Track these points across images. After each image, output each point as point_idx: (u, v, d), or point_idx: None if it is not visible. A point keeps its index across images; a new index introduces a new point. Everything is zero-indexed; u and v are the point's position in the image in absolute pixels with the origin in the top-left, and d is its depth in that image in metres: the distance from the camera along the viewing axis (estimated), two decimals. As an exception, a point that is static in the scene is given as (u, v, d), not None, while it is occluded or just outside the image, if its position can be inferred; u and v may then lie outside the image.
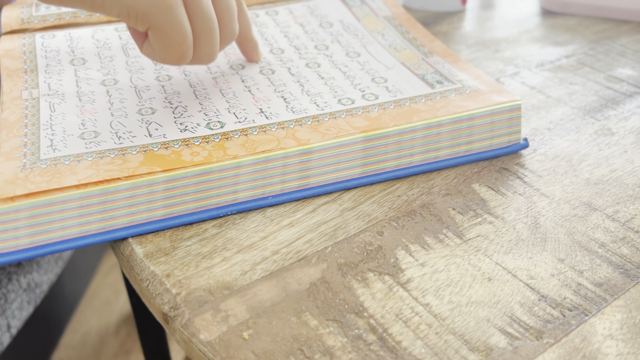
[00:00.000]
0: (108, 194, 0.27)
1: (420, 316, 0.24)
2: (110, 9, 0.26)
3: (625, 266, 0.27)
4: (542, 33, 0.48)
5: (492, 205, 0.30)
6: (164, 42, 0.28)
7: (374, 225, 0.29)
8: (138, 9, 0.26)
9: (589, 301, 0.25)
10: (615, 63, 0.43)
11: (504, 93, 0.33)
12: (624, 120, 0.37)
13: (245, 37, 0.35)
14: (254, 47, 0.36)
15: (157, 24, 0.27)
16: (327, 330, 0.24)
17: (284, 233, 0.28)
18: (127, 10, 0.26)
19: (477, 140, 0.33)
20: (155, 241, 0.28)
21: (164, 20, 0.27)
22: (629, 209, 0.30)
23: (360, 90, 0.34)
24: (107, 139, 0.29)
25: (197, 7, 0.28)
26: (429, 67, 0.36)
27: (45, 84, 0.33)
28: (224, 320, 0.24)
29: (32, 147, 0.28)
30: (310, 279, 0.26)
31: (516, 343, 0.23)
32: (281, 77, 0.35)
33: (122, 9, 0.26)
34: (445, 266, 0.27)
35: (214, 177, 0.28)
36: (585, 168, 0.33)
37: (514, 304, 0.25)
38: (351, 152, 0.30)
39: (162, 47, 0.28)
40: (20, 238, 0.26)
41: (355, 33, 0.40)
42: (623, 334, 0.24)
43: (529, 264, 0.27)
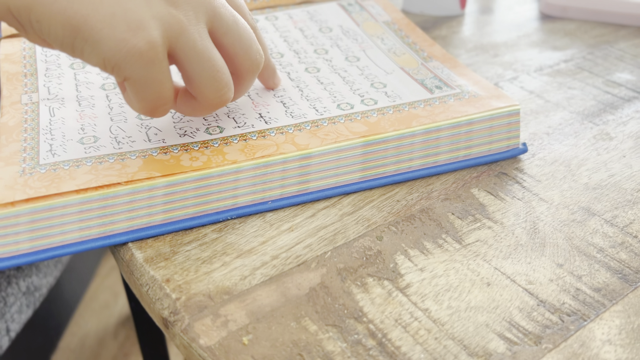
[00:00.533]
0: (108, 199, 0.27)
1: (420, 321, 0.24)
2: (88, 57, 0.25)
3: (623, 271, 0.27)
4: (540, 37, 0.49)
5: (491, 210, 0.30)
6: (140, 95, 0.26)
7: (373, 230, 0.29)
8: (114, 63, 0.24)
9: (588, 306, 0.25)
10: (614, 67, 0.44)
11: (502, 98, 0.33)
12: (623, 125, 0.37)
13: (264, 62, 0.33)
14: (272, 73, 0.34)
15: (133, 77, 0.25)
16: (327, 335, 0.24)
17: (284, 238, 0.28)
18: (104, 62, 0.25)
19: (476, 145, 0.33)
20: (155, 246, 0.28)
21: (141, 75, 0.25)
22: (627, 213, 0.30)
23: (360, 95, 0.34)
24: (106, 144, 0.29)
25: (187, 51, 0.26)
26: (428, 72, 0.36)
27: (44, 88, 0.33)
28: (223, 325, 0.24)
29: (32, 152, 0.28)
30: (310, 284, 0.26)
31: (515, 348, 0.23)
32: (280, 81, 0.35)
33: (99, 60, 0.25)
34: (445, 271, 0.27)
35: (214, 182, 0.28)
36: (584, 173, 0.33)
37: (512, 309, 0.25)
38: (350, 157, 0.30)
39: (137, 99, 0.26)
40: (20, 243, 0.26)
41: (355, 37, 0.40)
42: (622, 339, 0.24)
43: (527, 269, 0.27)
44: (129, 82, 0.25)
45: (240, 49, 0.28)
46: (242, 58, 0.28)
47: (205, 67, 0.27)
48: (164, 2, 0.25)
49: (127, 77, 0.25)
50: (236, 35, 0.28)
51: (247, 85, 0.30)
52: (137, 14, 0.24)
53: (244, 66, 0.29)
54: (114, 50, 0.24)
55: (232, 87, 0.28)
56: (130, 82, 0.25)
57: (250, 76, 0.29)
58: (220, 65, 0.27)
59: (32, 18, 0.24)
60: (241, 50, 0.28)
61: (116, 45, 0.24)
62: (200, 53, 0.26)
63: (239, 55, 0.28)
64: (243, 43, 0.28)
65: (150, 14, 0.24)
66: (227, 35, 0.28)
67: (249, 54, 0.28)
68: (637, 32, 0.50)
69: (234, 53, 0.28)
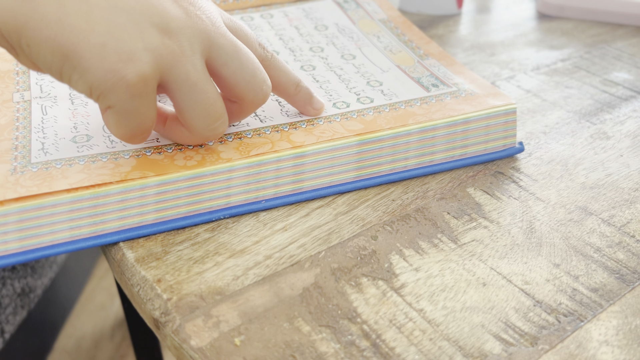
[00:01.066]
0: (99, 198, 0.26)
1: (414, 322, 0.24)
2: (75, 84, 0.24)
3: (621, 271, 0.27)
4: (537, 37, 0.48)
5: (487, 210, 0.30)
6: (121, 123, 0.25)
7: (368, 229, 0.28)
8: (100, 91, 0.24)
9: (585, 307, 0.25)
10: (611, 67, 0.43)
11: (499, 96, 0.33)
12: (620, 124, 0.37)
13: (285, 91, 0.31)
14: (308, 99, 0.31)
15: (117, 107, 0.24)
16: (320, 336, 0.23)
17: (277, 237, 0.28)
18: (90, 89, 0.24)
19: (472, 144, 0.32)
20: (147, 246, 0.27)
21: (125, 106, 0.24)
22: (624, 213, 0.30)
23: (356, 93, 0.34)
24: (99, 143, 0.29)
25: (180, 83, 0.25)
26: (425, 70, 0.36)
27: (37, 86, 0.33)
28: (215, 326, 0.24)
29: (23, 150, 0.28)
30: (304, 284, 0.26)
31: (511, 349, 0.23)
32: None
33: (86, 87, 0.24)
34: (440, 271, 0.26)
35: (207, 181, 0.28)
36: (581, 172, 0.33)
37: (508, 309, 0.25)
38: (345, 156, 0.30)
39: (115, 126, 0.25)
40: (9, 242, 0.26)
41: (351, 35, 0.40)
42: (619, 340, 0.24)
43: (524, 269, 0.27)
44: (112, 110, 0.25)
45: (242, 79, 0.27)
46: (244, 89, 0.27)
47: (197, 100, 0.26)
48: (158, 33, 0.24)
49: (111, 106, 0.24)
50: (237, 65, 0.27)
51: (248, 114, 0.29)
52: (128, 44, 0.23)
53: (247, 97, 0.27)
54: (102, 80, 0.23)
55: (225, 120, 0.27)
56: (113, 111, 0.25)
57: (254, 107, 0.28)
58: (214, 98, 0.26)
59: (23, 42, 0.23)
60: (243, 81, 0.27)
61: (104, 75, 0.23)
62: (193, 85, 0.25)
63: (240, 86, 0.27)
64: (245, 73, 0.27)
65: (143, 45, 0.24)
66: (226, 65, 0.27)
67: (252, 84, 0.27)
68: (634, 32, 0.49)
69: (234, 83, 0.27)
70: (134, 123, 0.25)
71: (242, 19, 0.41)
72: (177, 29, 0.25)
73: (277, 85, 0.30)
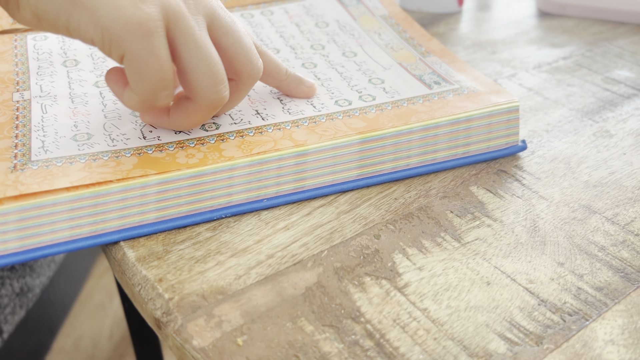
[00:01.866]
0: (99, 197, 0.26)
1: (418, 321, 0.24)
2: (85, 32, 0.24)
3: (625, 270, 0.26)
4: (539, 34, 0.48)
5: (491, 208, 0.30)
6: (139, 74, 0.25)
7: (370, 228, 0.28)
8: (112, 33, 0.24)
9: (590, 306, 0.25)
10: (613, 65, 0.43)
11: (502, 93, 0.33)
12: (622, 122, 0.37)
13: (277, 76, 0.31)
14: (297, 81, 0.32)
15: (131, 52, 0.24)
16: (323, 336, 0.23)
17: (279, 236, 0.28)
18: (102, 33, 0.24)
19: (475, 142, 0.32)
20: (148, 245, 0.27)
21: (140, 48, 0.24)
22: (628, 211, 0.30)
23: (358, 91, 0.33)
24: (100, 141, 0.28)
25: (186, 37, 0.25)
26: (426, 67, 0.36)
27: (37, 86, 0.33)
28: (217, 326, 0.23)
29: (23, 148, 0.28)
30: (306, 284, 0.25)
31: (516, 349, 0.23)
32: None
33: (97, 32, 0.24)
34: (444, 270, 0.26)
35: (208, 180, 0.28)
36: (584, 170, 0.33)
37: (513, 308, 0.25)
38: (348, 154, 0.30)
39: (136, 80, 0.25)
40: (9, 242, 0.25)
41: (352, 32, 0.39)
42: (624, 339, 0.23)
43: (528, 268, 0.26)
44: (127, 58, 0.25)
45: (241, 50, 0.27)
46: (244, 60, 0.28)
47: (202, 58, 0.26)
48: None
49: (126, 51, 0.24)
50: (236, 37, 0.27)
51: (245, 92, 0.29)
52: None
53: (245, 69, 0.28)
54: (113, 18, 0.24)
55: (228, 86, 0.27)
56: (129, 58, 0.25)
57: (251, 81, 0.29)
58: (217, 60, 0.26)
59: None
60: (241, 52, 0.27)
61: (115, 12, 0.24)
62: (198, 41, 0.26)
63: (239, 56, 0.27)
64: (244, 45, 0.27)
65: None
66: (227, 35, 0.27)
67: (250, 56, 0.28)
68: (636, 29, 0.49)
69: (234, 53, 0.27)
70: (153, 71, 0.25)
71: (242, 16, 0.41)
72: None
73: (268, 72, 0.31)
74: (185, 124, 0.28)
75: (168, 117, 0.29)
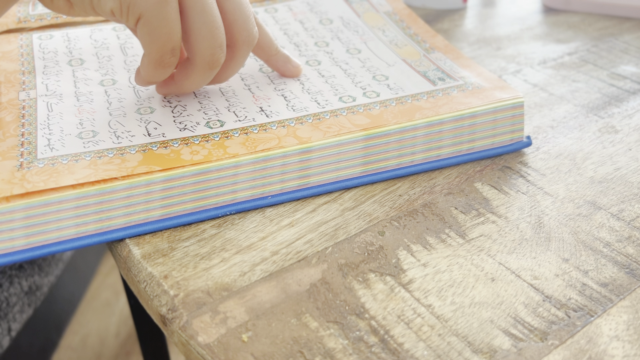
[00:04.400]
0: (105, 194, 0.26)
1: (423, 317, 0.24)
2: (105, 4, 0.27)
3: (630, 266, 0.26)
4: (544, 30, 0.48)
5: (495, 205, 0.30)
6: (150, 36, 0.27)
7: (375, 225, 0.28)
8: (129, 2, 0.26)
9: (595, 302, 0.25)
10: (619, 60, 0.43)
11: (506, 89, 0.33)
12: (628, 118, 0.37)
13: (268, 50, 0.33)
14: (285, 59, 0.34)
15: (146, 16, 0.27)
16: (328, 332, 0.23)
17: (284, 233, 0.28)
18: (120, 1, 0.26)
19: (479, 138, 0.32)
20: (153, 242, 0.27)
21: (154, 12, 0.27)
22: (634, 207, 0.30)
23: (362, 88, 0.33)
24: (105, 139, 0.29)
25: (194, 2, 0.27)
26: (431, 63, 0.36)
27: (42, 85, 0.33)
28: (222, 322, 0.23)
29: (29, 146, 0.28)
30: (311, 280, 0.25)
31: (520, 344, 0.23)
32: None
33: (116, 1, 0.26)
34: (448, 266, 0.26)
35: (213, 177, 0.28)
36: (589, 166, 0.32)
37: (517, 304, 0.25)
38: (352, 151, 0.30)
39: (148, 41, 0.28)
40: (16, 239, 0.26)
41: (356, 29, 0.39)
42: (629, 335, 0.23)
43: (532, 264, 0.26)
44: (142, 21, 0.27)
45: (240, 16, 0.29)
46: (240, 27, 0.29)
47: (205, 21, 0.28)
48: None
49: (142, 15, 0.27)
50: (238, 3, 0.29)
51: (241, 59, 0.31)
52: None
53: (241, 35, 0.29)
54: None
55: (224, 51, 0.29)
56: (143, 22, 0.27)
57: (245, 48, 0.30)
58: (219, 23, 0.28)
59: None
60: (240, 18, 0.29)
61: None
62: (204, 6, 0.27)
63: (237, 23, 0.29)
64: (243, 12, 0.29)
65: None
66: (228, 0, 0.29)
67: (247, 24, 0.29)
68: (642, 24, 0.49)
69: (233, 19, 0.29)
70: (164, 33, 0.27)
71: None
72: None
73: (261, 44, 0.33)
74: (187, 84, 0.30)
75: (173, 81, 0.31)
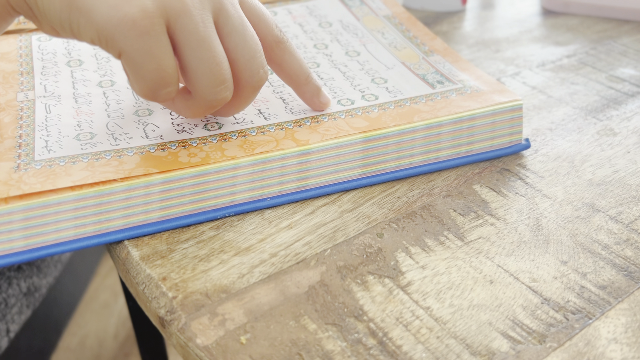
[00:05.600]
0: (104, 196, 0.26)
1: (421, 320, 0.24)
2: (84, 31, 0.24)
3: (629, 268, 0.26)
4: (543, 33, 0.48)
5: (494, 207, 0.30)
6: (136, 74, 0.24)
7: (373, 227, 0.28)
8: (107, 33, 0.23)
9: (593, 304, 0.25)
10: (617, 63, 0.43)
11: (505, 93, 0.33)
12: (627, 121, 0.37)
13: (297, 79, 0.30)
14: (315, 91, 0.30)
15: (127, 51, 0.24)
16: (326, 334, 0.23)
17: (283, 235, 0.28)
18: (98, 33, 0.24)
19: (478, 140, 0.32)
20: (152, 244, 0.27)
21: (135, 47, 0.24)
22: (632, 210, 0.30)
23: (360, 90, 0.33)
24: (103, 140, 0.29)
25: (187, 35, 0.24)
26: (430, 66, 0.36)
27: (41, 86, 0.33)
28: (221, 324, 0.23)
29: (27, 148, 0.28)
30: (309, 282, 0.25)
31: (519, 347, 0.23)
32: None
33: (93, 32, 0.24)
34: (447, 269, 0.26)
35: (211, 179, 0.28)
36: (588, 169, 0.32)
37: (516, 307, 0.25)
38: (350, 153, 0.30)
39: (134, 79, 0.25)
40: (14, 241, 0.26)
41: (355, 32, 0.39)
42: (628, 338, 0.23)
43: (531, 267, 0.26)
44: (124, 57, 0.24)
45: (242, 55, 0.26)
46: (243, 67, 0.26)
47: (203, 58, 0.25)
48: None
49: (122, 51, 0.24)
50: (240, 39, 0.26)
51: (246, 98, 0.28)
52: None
53: (243, 76, 0.27)
54: (106, 17, 0.23)
55: (230, 87, 0.26)
56: (125, 57, 0.24)
57: (249, 90, 0.27)
58: (221, 59, 0.25)
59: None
60: (242, 57, 0.26)
61: (108, 12, 0.23)
62: (201, 40, 0.25)
63: (239, 62, 0.26)
64: (246, 51, 0.26)
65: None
66: (230, 35, 0.26)
67: (251, 64, 0.26)
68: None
69: (234, 58, 0.26)
70: (150, 70, 0.24)
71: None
72: None
73: (289, 72, 0.30)
74: (187, 114, 0.28)
75: (172, 102, 0.28)
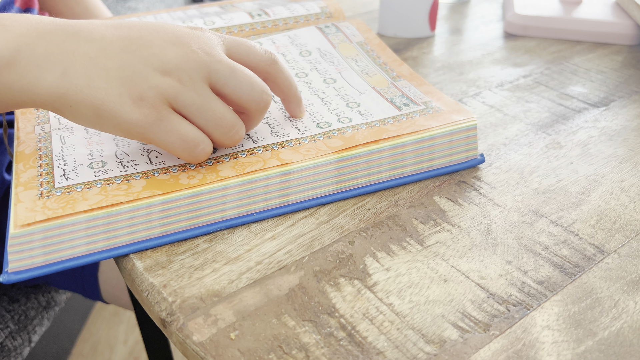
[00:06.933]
0: (112, 216, 0.30)
1: (384, 314, 0.27)
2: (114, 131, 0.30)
3: (564, 265, 0.30)
4: (503, 55, 0.52)
5: (451, 215, 0.34)
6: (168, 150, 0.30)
7: (346, 235, 0.32)
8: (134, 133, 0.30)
9: (532, 297, 0.28)
10: (568, 81, 0.47)
11: (462, 112, 0.37)
12: (572, 134, 0.41)
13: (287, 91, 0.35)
14: (298, 103, 0.36)
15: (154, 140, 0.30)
16: (303, 329, 0.26)
17: (267, 245, 0.31)
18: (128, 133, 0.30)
19: (438, 157, 0.36)
20: (154, 256, 0.30)
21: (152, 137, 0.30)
22: (571, 214, 0.34)
23: (336, 114, 0.37)
24: (113, 167, 0.32)
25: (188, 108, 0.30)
26: (397, 90, 0.40)
27: (55, 119, 0.37)
28: (213, 324, 0.26)
29: (47, 176, 0.31)
30: (289, 285, 0.29)
31: (466, 335, 0.26)
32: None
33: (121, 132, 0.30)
34: (407, 270, 0.30)
35: (205, 198, 0.31)
36: (535, 179, 0.36)
37: (466, 301, 0.28)
38: (326, 172, 0.34)
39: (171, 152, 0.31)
40: (35, 257, 0.29)
41: (332, 60, 0.43)
42: (559, 325, 0.27)
43: (480, 266, 0.30)
44: (153, 143, 0.30)
45: (242, 93, 0.31)
46: (246, 101, 0.31)
47: (207, 118, 0.30)
48: (159, 74, 0.30)
49: (151, 141, 0.30)
50: (235, 83, 0.31)
51: (258, 119, 0.33)
52: (136, 89, 0.29)
53: (250, 107, 0.32)
54: (129, 123, 0.29)
55: (241, 127, 0.31)
56: (154, 143, 0.30)
57: (259, 114, 0.33)
58: (222, 112, 0.31)
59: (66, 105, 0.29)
60: (243, 95, 0.31)
61: (129, 118, 0.29)
62: (200, 107, 0.30)
63: (242, 99, 0.31)
64: (244, 88, 0.31)
65: (147, 86, 0.29)
66: (226, 85, 0.31)
67: (252, 96, 0.31)
68: (591, 47, 0.53)
69: (237, 98, 0.31)
70: (174, 141, 0.30)
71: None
72: (175, 67, 0.30)
73: (282, 87, 0.35)
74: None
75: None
